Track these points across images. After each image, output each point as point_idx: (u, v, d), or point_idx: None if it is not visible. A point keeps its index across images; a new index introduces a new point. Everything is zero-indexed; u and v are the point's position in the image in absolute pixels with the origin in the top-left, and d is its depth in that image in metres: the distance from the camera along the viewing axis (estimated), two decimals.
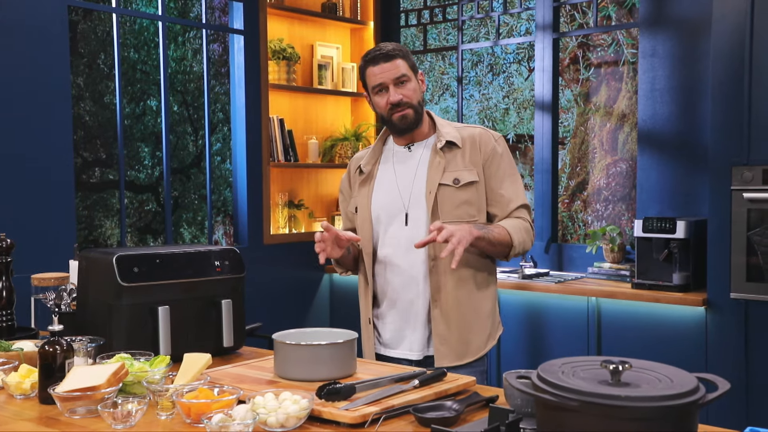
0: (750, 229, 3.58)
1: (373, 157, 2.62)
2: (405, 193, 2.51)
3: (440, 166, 2.47)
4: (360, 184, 2.62)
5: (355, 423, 1.66)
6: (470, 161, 2.48)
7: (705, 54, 4.15)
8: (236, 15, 4.78)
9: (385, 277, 2.53)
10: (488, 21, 6.52)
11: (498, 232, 2.41)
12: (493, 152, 2.50)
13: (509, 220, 2.49)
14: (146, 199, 7.02)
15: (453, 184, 2.45)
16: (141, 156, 6.97)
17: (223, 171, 7.13)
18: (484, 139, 2.52)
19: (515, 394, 1.71)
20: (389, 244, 2.52)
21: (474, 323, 2.50)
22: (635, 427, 1.25)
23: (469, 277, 2.49)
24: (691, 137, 4.23)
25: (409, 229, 2.48)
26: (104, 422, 1.71)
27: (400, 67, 2.45)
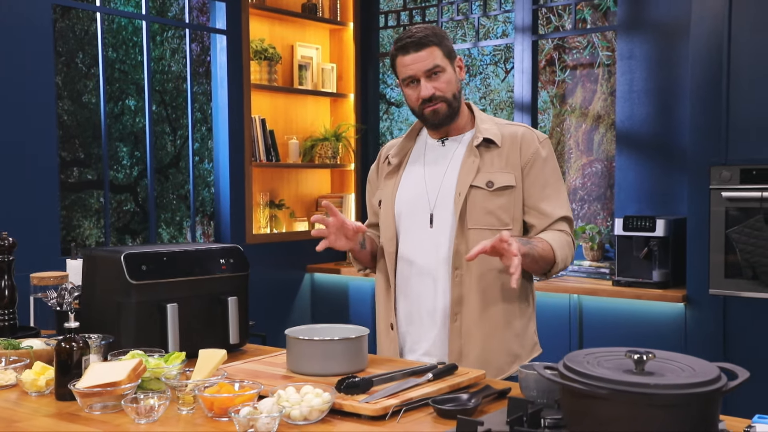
0: (728, 227, 3.68)
1: (404, 147, 2.42)
2: (432, 192, 2.31)
3: (474, 165, 2.25)
4: (387, 175, 2.42)
5: (376, 415, 1.69)
6: (508, 163, 2.25)
7: (681, 57, 4.26)
8: (218, 15, 4.79)
9: (407, 280, 2.33)
10: (465, 23, 6.59)
11: (542, 248, 2.17)
12: (535, 155, 2.26)
13: (551, 233, 2.25)
14: (125, 199, 6.97)
15: (486, 187, 2.24)
16: (119, 156, 6.92)
17: (201, 171, 7.11)
18: (527, 139, 2.27)
19: (531, 386, 1.76)
20: (411, 246, 2.32)
21: (496, 343, 2.28)
22: (663, 414, 1.30)
23: (495, 292, 2.27)
24: (668, 138, 4.33)
25: (434, 231, 2.28)
26: (125, 417, 1.73)
27: (434, 56, 2.21)
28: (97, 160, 6.66)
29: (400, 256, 2.35)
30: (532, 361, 2.37)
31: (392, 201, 2.36)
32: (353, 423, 1.69)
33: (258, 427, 1.58)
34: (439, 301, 2.29)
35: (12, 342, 2.15)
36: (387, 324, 2.39)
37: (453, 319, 2.27)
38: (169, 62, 7.08)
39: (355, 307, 5.10)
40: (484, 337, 2.27)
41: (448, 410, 1.71)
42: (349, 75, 5.51)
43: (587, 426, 1.36)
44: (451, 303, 2.26)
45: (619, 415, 1.32)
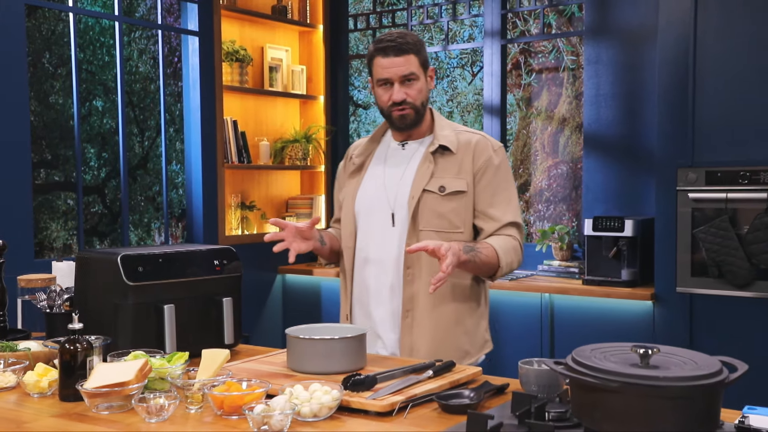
0: (694, 228, 3.80)
1: (368, 148, 2.53)
2: (391, 193, 2.41)
3: (428, 171, 2.36)
4: (351, 174, 2.53)
5: (384, 411, 1.74)
6: (461, 169, 2.36)
7: (647, 62, 4.38)
8: (190, 16, 4.78)
9: (363, 275, 2.45)
10: (432, 27, 6.66)
11: (486, 254, 2.28)
12: (488, 163, 2.38)
13: (498, 238, 2.35)
14: (92, 201, 6.90)
15: (438, 192, 2.35)
16: (87, 157, 6.84)
17: (169, 172, 7.06)
18: (481, 147, 2.39)
19: (531, 381, 1.83)
20: (371, 243, 2.43)
21: (447, 339, 2.38)
22: (671, 405, 1.38)
23: (447, 291, 2.38)
24: (634, 141, 4.45)
25: (396, 230, 2.39)
26: (134, 417, 1.76)
27: (411, 64, 2.32)
28: (65, 162, 6.58)
29: (358, 252, 2.46)
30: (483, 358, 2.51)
31: (353, 199, 2.48)
32: (361, 419, 1.73)
33: (272, 425, 1.61)
34: (393, 297, 2.41)
35: (9, 344, 2.15)
36: (344, 316, 2.53)
37: (405, 316, 2.39)
38: (136, 63, 7.02)
39: (328, 308, 5.13)
40: (434, 334, 2.37)
41: (453, 405, 1.77)
42: (318, 77, 5.54)
43: (597, 418, 1.43)
44: (403, 300, 2.38)
45: (629, 407, 1.39)
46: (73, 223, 6.75)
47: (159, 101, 4.74)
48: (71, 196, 6.69)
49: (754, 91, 3.67)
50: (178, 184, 6.87)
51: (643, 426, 1.38)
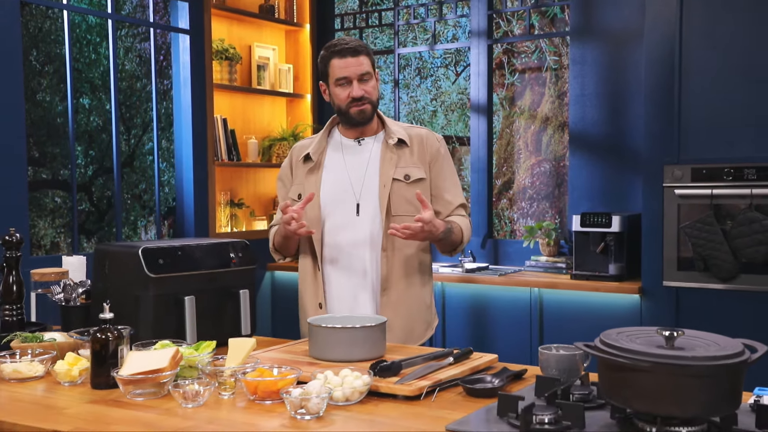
0: (680, 223, 3.92)
1: (320, 145, 2.69)
2: (357, 185, 2.61)
3: (392, 161, 2.60)
4: (307, 172, 2.68)
5: (412, 395, 1.81)
6: (418, 159, 2.63)
7: (631, 62, 4.50)
8: (181, 14, 4.81)
9: (334, 264, 2.62)
10: (416, 27, 6.74)
11: (456, 233, 2.61)
12: (437, 153, 2.66)
13: (459, 218, 2.66)
14: (79, 199, 6.86)
15: (404, 180, 2.59)
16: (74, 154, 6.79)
17: None
18: (430, 140, 2.67)
19: (551, 365, 1.91)
20: (338, 233, 2.61)
21: (417, 313, 2.65)
22: (698, 383, 1.46)
23: (414, 269, 2.64)
24: (619, 139, 4.57)
25: (360, 219, 2.59)
26: (170, 402, 1.81)
27: (365, 64, 2.56)
28: (52, 159, 6.55)
29: (327, 242, 2.63)
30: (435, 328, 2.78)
31: (318, 193, 2.62)
32: (391, 403, 1.80)
33: (309, 408, 1.67)
34: (368, 278, 2.61)
35: (36, 335, 2.19)
36: (316, 304, 2.67)
37: (382, 294, 2.60)
38: (122, 61, 7.00)
39: None
40: (407, 309, 2.63)
41: (478, 389, 1.84)
42: (305, 76, 5.59)
43: (627, 396, 1.51)
44: (381, 280, 2.59)
45: (659, 385, 1.47)
46: (61, 221, 6.73)
47: (144, 99, 4.76)
48: (59, 193, 6.67)
49: (738, 90, 3.80)
50: (164, 182, 6.86)
51: (672, 404, 1.46)
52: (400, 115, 5.57)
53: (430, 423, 1.65)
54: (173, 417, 1.71)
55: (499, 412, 1.66)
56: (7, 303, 2.41)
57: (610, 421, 1.61)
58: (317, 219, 2.62)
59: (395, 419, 1.69)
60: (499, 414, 1.65)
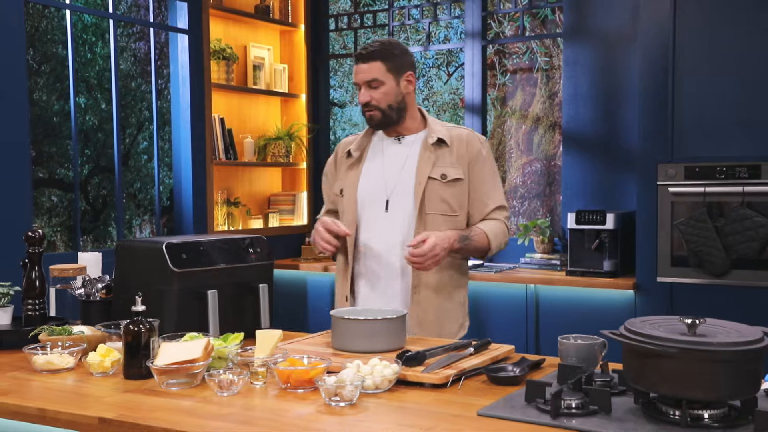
0: (674, 220, 4.02)
1: (363, 142, 2.74)
2: (390, 182, 2.64)
3: (430, 160, 2.61)
4: (348, 167, 2.74)
5: (439, 384, 1.88)
6: (457, 160, 2.63)
7: (623, 63, 4.60)
8: (180, 14, 4.84)
9: (365, 259, 2.66)
10: (408, 28, 6.81)
11: (478, 240, 2.59)
12: (478, 154, 2.65)
13: (490, 222, 2.64)
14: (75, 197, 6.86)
15: (440, 179, 2.59)
16: (70, 153, 6.80)
17: (150, 169, 7.07)
18: (472, 140, 2.67)
19: (571, 354, 1.98)
20: (369, 229, 2.65)
21: (448, 312, 2.65)
22: (723, 368, 1.53)
23: (446, 268, 2.63)
24: (612, 138, 4.66)
25: (389, 215, 2.62)
26: (205, 391, 1.87)
27: (375, 70, 2.57)
28: (49, 159, 6.55)
29: (360, 238, 2.67)
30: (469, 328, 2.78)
31: (354, 190, 2.69)
32: (418, 390, 1.87)
33: (343, 395, 1.74)
34: (398, 274, 2.63)
35: (66, 328, 2.23)
36: (343, 297, 2.73)
37: (414, 292, 2.61)
38: (118, 60, 7.02)
39: (314, 301, 5.24)
40: (438, 306, 2.63)
41: (502, 377, 1.92)
42: (300, 76, 5.64)
43: (653, 381, 1.58)
44: (412, 277, 2.60)
45: (685, 370, 1.54)
46: (57, 220, 6.73)
47: (139, 99, 4.79)
48: (55, 192, 6.66)
49: (730, 91, 3.90)
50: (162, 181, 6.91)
51: (698, 388, 1.54)
52: None
53: (460, 409, 1.72)
54: (211, 404, 1.77)
55: (527, 398, 1.73)
56: (30, 298, 2.45)
57: (634, 406, 1.69)
58: (353, 215, 2.66)
59: (426, 405, 1.76)
60: (527, 400, 1.72)
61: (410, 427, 1.60)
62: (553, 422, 1.59)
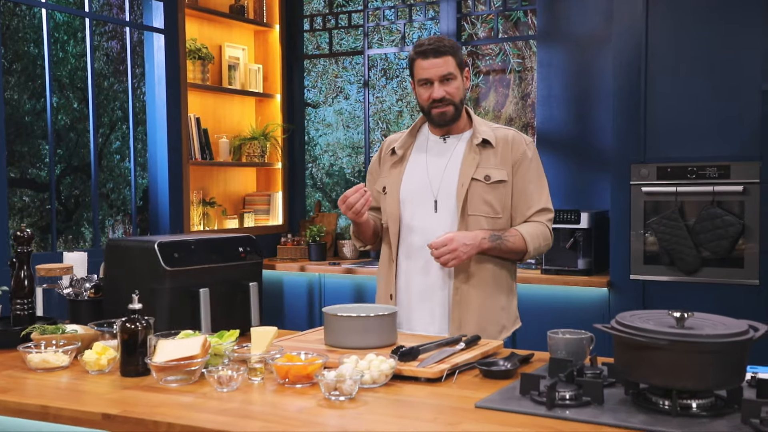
0: (647, 219, 4.11)
1: (408, 141, 2.71)
2: (435, 182, 2.61)
3: (474, 161, 2.57)
4: (392, 165, 2.71)
5: (434, 378, 1.93)
6: (501, 161, 2.58)
7: (596, 65, 4.69)
8: (155, 14, 4.83)
9: (409, 258, 2.63)
10: (382, 28, 6.87)
11: (512, 242, 2.55)
12: (523, 156, 2.61)
13: (528, 225, 2.60)
14: (48, 198, 6.79)
15: (484, 181, 2.56)
16: (42, 154, 6.73)
17: (122, 170, 7.01)
18: (517, 141, 2.62)
19: (560, 348, 2.04)
20: (415, 228, 2.62)
21: (489, 315, 2.61)
22: (711, 359, 1.60)
23: (489, 269, 2.60)
24: (585, 139, 4.75)
25: (438, 216, 2.59)
26: (204, 387, 1.90)
27: (449, 64, 2.51)
28: (20, 158, 6.47)
29: (404, 236, 2.65)
30: (514, 332, 2.74)
31: (398, 187, 2.66)
32: (414, 385, 1.91)
33: (343, 389, 1.78)
34: (441, 275, 2.60)
35: (60, 326, 2.24)
36: (387, 294, 2.69)
37: (455, 293, 2.59)
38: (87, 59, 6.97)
39: (290, 300, 5.26)
40: (479, 309, 2.60)
41: (494, 371, 1.97)
42: (275, 76, 5.66)
43: (645, 373, 1.65)
44: (453, 278, 2.58)
45: (674, 361, 1.61)
46: (30, 220, 6.66)
47: (112, 98, 4.78)
48: (27, 192, 6.59)
49: (701, 93, 4.00)
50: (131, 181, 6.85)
51: (687, 378, 1.60)
52: (366, 115, 5.67)
53: (457, 401, 1.77)
54: (212, 400, 1.79)
55: (521, 390, 1.78)
56: (19, 297, 2.45)
57: (624, 396, 1.75)
58: (396, 213, 2.64)
59: (423, 399, 1.80)
60: (522, 392, 1.78)
61: (413, 419, 1.64)
62: (549, 413, 1.65)
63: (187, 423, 1.63)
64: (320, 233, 5.34)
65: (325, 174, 7.67)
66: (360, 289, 5.00)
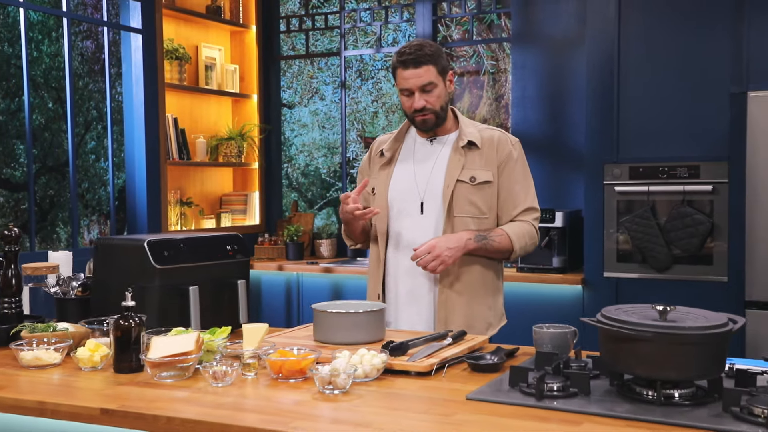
0: (620, 218, 4.20)
1: (396, 143, 2.74)
2: (422, 184, 2.64)
3: (460, 163, 2.60)
4: (380, 167, 2.74)
5: (424, 371, 1.98)
6: (487, 162, 2.61)
7: (569, 67, 4.78)
8: (133, 14, 4.83)
9: (397, 258, 2.67)
10: (357, 30, 6.91)
11: (498, 242, 2.57)
12: (509, 156, 2.63)
13: (514, 224, 2.63)
14: (22, 198, 6.72)
15: (469, 182, 2.59)
16: (17, 153, 6.66)
17: (98, 170, 6.95)
18: (502, 142, 2.64)
19: (546, 341, 2.11)
20: (402, 229, 2.65)
21: (475, 313, 2.63)
22: (693, 350, 1.67)
23: (476, 270, 2.64)
24: (559, 140, 4.84)
25: (424, 218, 2.63)
26: (199, 382, 1.93)
27: (428, 74, 2.52)
28: None
29: (392, 236, 2.69)
30: (500, 329, 2.76)
31: (386, 189, 2.70)
32: (405, 378, 1.96)
33: (337, 383, 1.82)
34: (427, 275, 2.63)
35: (51, 324, 2.26)
36: (375, 294, 2.73)
37: (441, 294, 2.62)
38: (64, 59, 6.90)
39: (268, 299, 5.28)
40: (465, 308, 2.63)
41: (482, 365, 2.02)
42: (251, 76, 5.68)
43: (630, 364, 1.71)
44: (439, 278, 2.62)
45: (658, 352, 1.67)
46: (4, 220, 6.60)
47: (87, 98, 4.77)
48: (1, 192, 6.52)
49: (672, 95, 4.10)
50: (106, 180, 6.79)
51: (671, 368, 1.67)
52: (342, 115, 5.72)
53: (448, 394, 1.82)
54: (209, 395, 1.83)
55: (511, 382, 1.84)
56: (6, 296, 2.46)
57: (609, 388, 1.81)
58: (384, 214, 2.67)
59: (415, 392, 1.85)
60: (511, 384, 1.84)
61: (408, 411, 1.69)
62: (538, 404, 1.71)
63: (186, 416, 1.66)
64: (298, 233, 5.37)
65: (300, 174, 7.69)
66: (338, 288, 5.04)
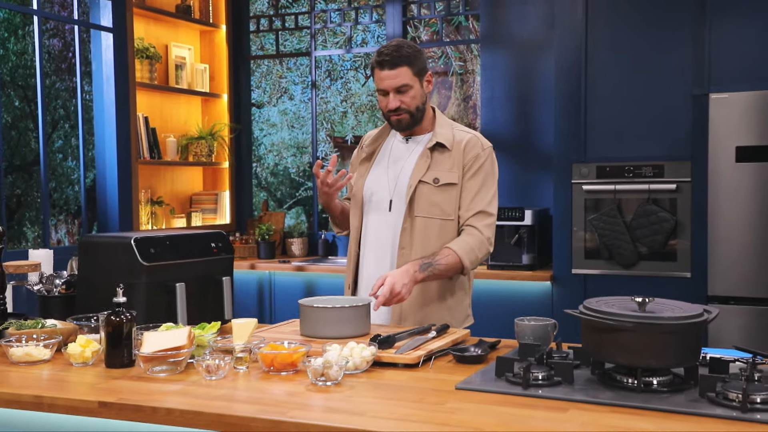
0: (587, 216, 4.31)
1: (378, 140, 2.80)
2: (392, 182, 2.69)
3: (425, 164, 2.63)
4: (361, 161, 2.81)
5: (412, 363, 2.04)
6: (454, 164, 2.63)
7: (537, 69, 4.88)
8: (103, 13, 4.83)
9: (365, 252, 2.74)
10: (326, 30, 6.95)
11: (446, 263, 2.54)
12: (475, 159, 2.64)
13: (461, 239, 2.60)
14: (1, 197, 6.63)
15: (432, 183, 2.61)
16: None
17: (65, 169, 6.88)
18: (471, 145, 2.65)
19: (527, 334, 2.18)
20: (372, 225, 2.71)
21: (431, 313, 2.64)
22: (670, 338, 1.75)
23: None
24: (527, 139, 4.93)
25: (391, 215, 2.68)
26: (192, 376, 1.97)
27: (403, 76, 2.56)
28: None
29: (364, 232, 2.75)
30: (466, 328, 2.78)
31: (362, 185, 2.76)
32: (393, 370, 2.02)
33: (329, 375, 1.87)
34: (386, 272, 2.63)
35: (38, 321, 2.27)
36: (347, 285, 2.81)
37: None
38: (32, 57, 6.83)
39: (241, 298, 5.30)
40: (420, 307, 2.65)
41: (467, 356, 2.09)
42: (221, 76, 5.69)
43: (612, 353, 1.79)
44: None
45: (639, 342, 1.75)
46: None
47: (54, 97, 4.75)
48: None
49: (637, 96, 4.22)
50: (74, 180, 6.74)
51: (651, 357, 1.75)
52: (311, 115, 5.76)
53: (437, 384, 1.88)
54: (203, 387, 1.87)
55: (497, 372, 1.91)
56: None
57: (591, 376, 1.89)
58: (358, 209, 2.74)
59: (405, 382, 1.91)
60: (497, 374, 1.90)
61: (401, 400, 1.75)
62: (525, 392, 1.78)
63: (185, 408, 1.70)
64: (269, 232, 5.40)
65: (269, 173, 7.71)
66: (310, 286, 5.09)
